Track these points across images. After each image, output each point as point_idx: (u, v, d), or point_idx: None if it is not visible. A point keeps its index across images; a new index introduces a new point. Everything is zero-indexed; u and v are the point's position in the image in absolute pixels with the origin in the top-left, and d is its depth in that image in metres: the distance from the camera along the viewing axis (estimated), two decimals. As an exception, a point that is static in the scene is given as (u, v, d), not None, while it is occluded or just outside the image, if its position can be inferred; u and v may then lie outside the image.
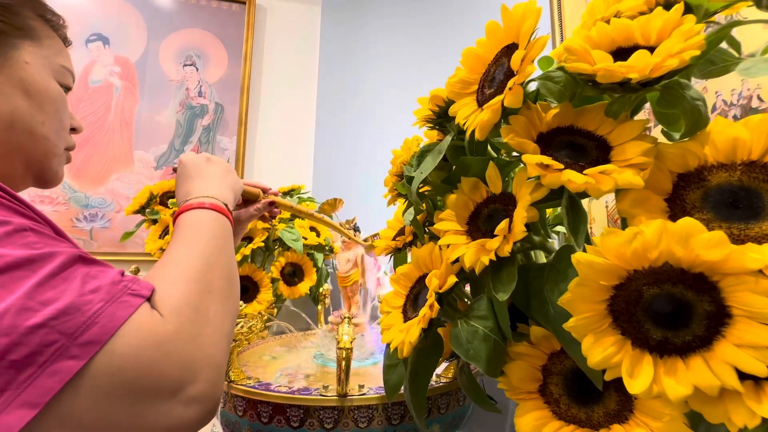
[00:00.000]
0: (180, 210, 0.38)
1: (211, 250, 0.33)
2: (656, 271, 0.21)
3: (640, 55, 0.22)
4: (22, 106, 0.35)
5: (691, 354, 0.20)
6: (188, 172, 0.42)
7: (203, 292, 0.29)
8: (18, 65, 0.35)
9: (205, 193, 0.39)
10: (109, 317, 0.23)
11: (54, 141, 0.38)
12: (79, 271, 0.25)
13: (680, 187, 0.23)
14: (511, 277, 0.27)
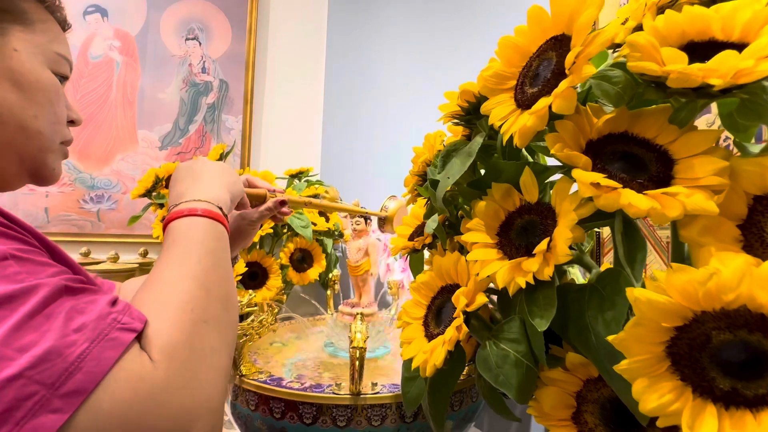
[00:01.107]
0: (170, 216, 0.34)
1: (205, 267, 0.30)
2: (730, 314, 0.18)
3: (726, 57, 0.19)
4: (11, 98, 0.32)
5: (764, 408, 0.18)
6: (180, 175, 0.39)
7: (198, 323, 0.26)
8: (5, 54, 0.32)
9: (197, 196, 0.35)
10: (95, 361, 0.21)
11: (48, 135, 0.35)
12: (64, 305, 0.22)
13: (757, 212, 0.20)
14: (549, 301, 0.25)
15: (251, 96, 1.22)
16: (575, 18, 0.23)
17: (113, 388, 0.21)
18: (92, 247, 1.04)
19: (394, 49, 1.16)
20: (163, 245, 0.32)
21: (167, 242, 0.32)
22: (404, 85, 1.13)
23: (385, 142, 1.17)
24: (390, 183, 1.14)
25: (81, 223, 1.11)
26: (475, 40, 0.98)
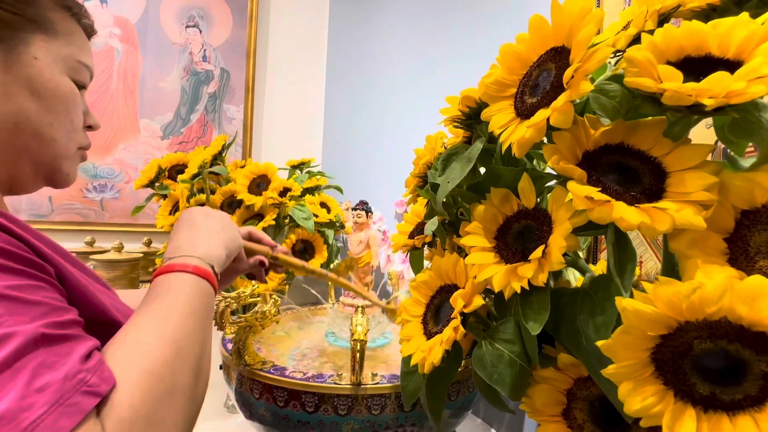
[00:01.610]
0: (161, 269, 0.34)
1: (185, 331, 0.29)
2: (711, 325, 0.19)
3: (719, 78, 0.19)
4: (29, 107, 0.32)
5: (740, 412, 0.19)
6: (181, 225, 0.39)
7: (165, 394, 0.25)
8: (26, 62, 0.32)
9: (192, 251, 0.36)
10: (48, 429, 0.20)
11: (63, 143, 0.35)
12: (35, 359, 0.22)
13: (744, 226, 0.21)
14: (542, 305, 0.26)
15: (252, 85, 1.22)
16: (575, 32, 0.23)
17: None
18: (96, 236, 1.05)
19: (396, 37, 1.15)
20: (148, 295, 0.32)
21: (153, 294, 0.31)
22: (406, 74, 1.13)
23: (387, 132, 1.17)
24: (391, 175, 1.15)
25: (85, 212, 1.12)
26: (479, 29, 0.96)
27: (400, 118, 1.14)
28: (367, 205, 0.84)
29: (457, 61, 1.02)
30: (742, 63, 0.21)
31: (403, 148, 1.15)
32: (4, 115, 0.32)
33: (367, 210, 0.83)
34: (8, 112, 0.32)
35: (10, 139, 0.32)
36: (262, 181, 0.89)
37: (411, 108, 1.12)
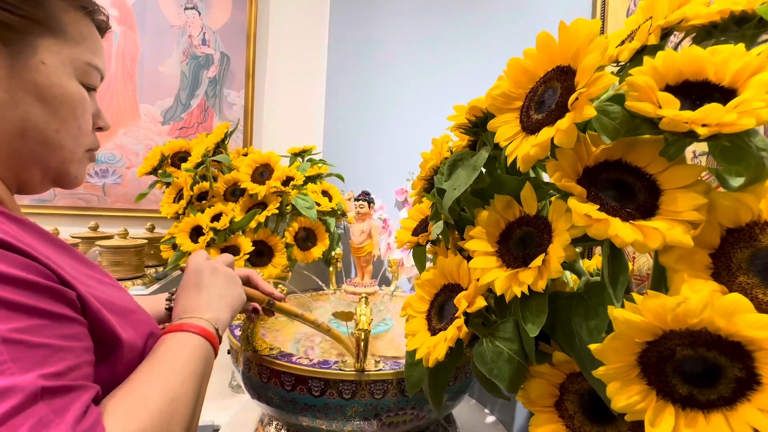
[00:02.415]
0: (171, 328, 0.36)
1: (184, 391, 0.31)
2: (692, 334, 0.21)
3: (712, 109, 0.21)
4: (35, 112, 0.32)
5: (713, 410, 0.22)
6: (188, 284, 0.41)
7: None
8: (33, 67, 0.31)
9: (201, 313, 0.38)
10: None
11: (71, 148, 0.35)
12: (33, 417, 0.22)
13: (728, 243, 0.23)
14: (541, 309, 0.28)
15: (253, 70, 1.21)
16: (581, 56, 0.24)
17: None
18: (99, 221, 1.06)
19: (399, 22, 1.14)
20: (156, 350, 0.34)
21: (160, 350, 0.34)
22: (409, 59, 1.12)
23: (389, 119, 1.17)
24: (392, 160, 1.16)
25: (87, 197, 1.12)
26: (484, 17, 0.96)
27: (401, 105, 1.14)
28: (369, 195, 0.86)
29: (462, 47, 1.01)
30: (736, 91, 0.22)
31: (405, 135, 1.15)
32: (10, 121, 0.31)
33: (369, 201, 0.85)
34: (15, 119, 0.31)
35: (18, 145, 0.32)
36: (265, 170, 0.90)
37: (413, 94, 1.12)
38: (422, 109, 1.10)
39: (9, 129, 0.31)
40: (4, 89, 0.31)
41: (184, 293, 0.41)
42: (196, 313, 0.38)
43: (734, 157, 0.22)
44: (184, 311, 0.39)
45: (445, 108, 1.16)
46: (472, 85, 0.99)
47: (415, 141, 1.13)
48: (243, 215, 0.88)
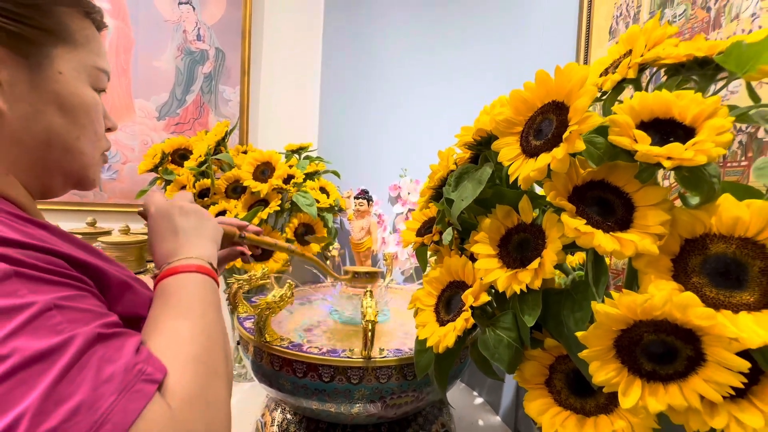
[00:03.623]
0: (164, 273, 0.35)
1: (209, 322, 0.32)
2: (657, 323, 0.27)
3: (675, 147, 0.26)
4: (57, 122, 0.33)
5: (671, 382, 0.28)
6: (161, 230, 0.40)
7: (210, 375, 0.29)
8: (51, 78, 0.32)
9: (189, 253, 0.37)
10: (121, 413, 0.22)
11: (90, 153, 0.36)
12: (96, 354, 0.24)
13: (686, 251, 0.29)
14: (536, 303, 0.34)
15: (248, 67, 1.22)
16: (573, 96, 0.29)
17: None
18: (95, 217, 1.07)
19: (393, 18, 1.16)
20: (157, 298, 0.34)
21: (166, 295, 0.33)
22: (403, 56, 1.15)
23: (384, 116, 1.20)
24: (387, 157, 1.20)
25: (83, 192, 1.13)
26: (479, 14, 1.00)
27: (395, 102, 1.18)
28: (368, 194, 0.90)
29: (456, 45, 1.05)
30: (695, 130, 0.28)
31: (398, 132, 1.19)
32: (36, 133, 0.32)
33: (368, 199, 0.89)
34: (39, 130, 0.32)
35: (43, 154, 0.33)
36: (266, 168, 0.93)
37: (407, 91, 1.16)
38: (416, 106, 1.14)
39: (33, 140, 0.32)
40: (27, 102, 0.31)
41: (160, 239, 0.39)
42: (182, 255, 0.37)
43: (692, 184, 0.27)
44: (169, 256, 0.37)
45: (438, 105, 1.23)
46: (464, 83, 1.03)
47: (408, 138, 1.17)
48: (245, 212, 0.91)
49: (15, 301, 0.22)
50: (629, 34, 0.39)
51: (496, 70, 0.94)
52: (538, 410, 0.36)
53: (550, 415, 0.35)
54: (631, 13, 0.62)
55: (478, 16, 0.99)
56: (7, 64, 0.30)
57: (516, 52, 0.88)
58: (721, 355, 0.25)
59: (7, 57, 0.30)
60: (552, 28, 0.77)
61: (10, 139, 0.31)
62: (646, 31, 0.37)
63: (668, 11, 0.55)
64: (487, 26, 0.97)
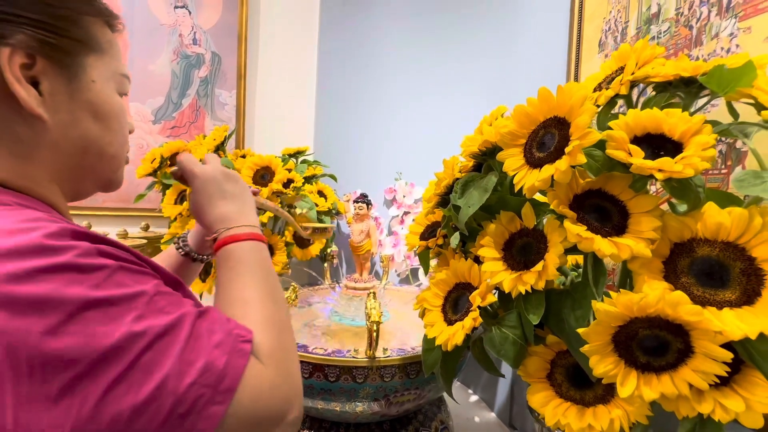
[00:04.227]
0: (224, 240, 0.39)
1: (271, 285, 0.37)
2: (650, 319, 0.30)
3: (665, 161, 0.29)
4: (92, 129, 0.34)
5: (663, 373, 0.31)
6: (208, 193, 0.43)
7: (283, 331, 0.34)
8: (86, 87, 0.34)
9: (242, 221, 0.41)
10: (234, 368, 0.28)
11: (119, 157, 0.38)
12: (202, 326, 0.29)
13: (675, 254, 0.32)
14: (539, 302, 0.36)
15: (245, 71, 1.23)
16: (574, 113, 0.32)
17: (246, 385, 0.28)
18: (91, 221, 1.07)
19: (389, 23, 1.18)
20: (222, 264, 0.38)
21: (231, 262, 0.37)
22: (399, 59, 1.17)
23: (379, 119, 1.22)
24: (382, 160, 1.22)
25: (77, 196, 1.12)
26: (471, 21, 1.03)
27: (391, 106, 1.20)
28: (367, 197, 0.92)
29: (450, 49, 1.07)
30: (683, 145, 0.31)
31: (394, 136, 1.21)
32: (73, 140, 0.34)
33: (367, 202, 0.91)
34: (77, 137, 0.34)
35: (79, 160, 0.34)
36: (266, 172, 0.94)
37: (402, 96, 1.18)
38: (410, 109, 1.17)
39: (71, 147, 0.34)
40: (66, 111, 0.33)
41: (210, 202, 0.42)
42: (235, 222, 0.40)
43: (680, 193, 0.30)
44: (223, 221, 0.41)
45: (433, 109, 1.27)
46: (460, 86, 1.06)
47: (403, 142, 1.19)
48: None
49: (127, 290, 0.26)
50: (620, 52, 0.42)
51: (489, 78, 0.98)
52: (541, 402, 0.38)
53: (552, 406, 0.38)
54: (619, 27, 0.65)
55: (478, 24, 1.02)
56: (49, 76, 0.31)
57: (509, 63, 0.91)
58: (708, 347, 0.28)
59: (48, 68, 0.31)
60: (544, 41, 0.81)
61: (51, 148, 0.32)
62: (636, 50, 0.40)
63: (654, 27, 0.59)
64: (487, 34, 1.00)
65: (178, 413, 0.25)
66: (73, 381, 0.22)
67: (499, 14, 0.94)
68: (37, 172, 0.32)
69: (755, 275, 0.29)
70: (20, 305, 0.22)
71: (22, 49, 0.29)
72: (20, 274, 0.23)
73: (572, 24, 0.73)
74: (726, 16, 0.49)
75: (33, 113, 0.30)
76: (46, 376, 0.22)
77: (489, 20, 0.97)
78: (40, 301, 0.23)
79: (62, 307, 0.23)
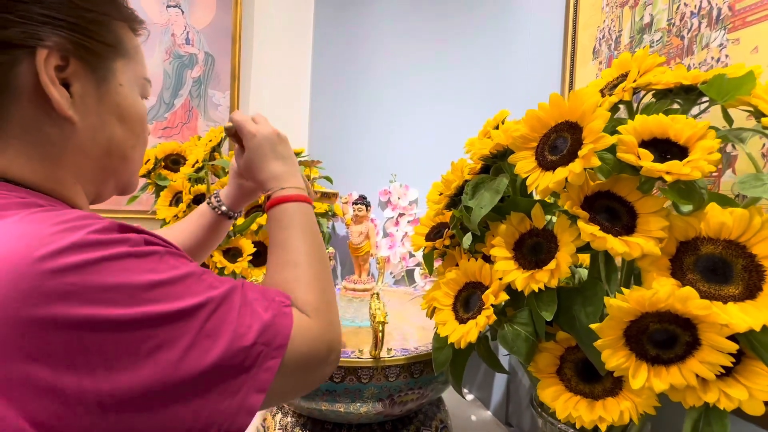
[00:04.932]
0: (278, 199, 0.43)
1: (318, 245, 0.42)
2: (660, 314, 0.32)
3: (674, 164, 0.31)
4: (118, 132, 0.35)
5: (672, 365, 0.32)
6: (264, 152, 0.46)
7: (326, 288, 0.39)
8: (114, 90, 0.34)
9: (295, 183, 0.45)
10: (283, 327, 0.32)
11: (139, 160, 0.39)
12: (247, 297, 0.32)
13: (681, 252, 0.34)
14: (551, 299, 0.38)
15: (239, 72, 1.22)
16: (586, 117, 0.34)
17: (297, 339, 0.33)
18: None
19: (384, 23, 1.19)
20: (275, 223, 0.42)
21: (284, 222, 0.42)
22: (394, 60, 1.18)
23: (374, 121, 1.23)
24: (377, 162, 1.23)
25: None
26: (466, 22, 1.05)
27: (385, 108, 1.21)
28: (366, 199, 0.93)
29: (446, 49, 1.09)
30: (688, 149, 0.33)
31: (388, 138, 1.23)
32: (100, 143, 0.34)
33: (366, 204, 0.92)
34: (103, 140, 0.34)
35: (103, 162, 0.35)
36: (263, 174, 0.93)
37: (397, 97, 1.19)
38: (406, 112, 1.18)
39: (97, 149, 0.34)
40: (95, 114, 0.33)
41: (264, 161, 0.46)
42: (287, 182, 0.45)
43: (686, 194, 0.32)
44: (276, 180, 0.45)
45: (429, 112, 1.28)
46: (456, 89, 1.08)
47: (398, 144, 1.21)
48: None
49: (180, 271, 0.29)
50: (621, 60, 0.44)
51: (484, 83, 1.00)
52: (552, 396, 0.40)
53: (563, 400, 0.39)
54: (613, 36, 0.68)
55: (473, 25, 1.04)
56: (80, 78, 0.32)
57: (503, 68, 0.93)
58: (714, 339, 0.30)
59: (80, 71, 0.31)
60: (539, 48, 0.83)
61: (78, 150, 0.33)
62: (637, 59, 0.42)
63: (647, 36, 0.62)
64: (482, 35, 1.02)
65: (243, 366, 0.29)
66: (151, 352, 0.25)
67: (494, 20, 0.96)
68: (64, 175, 0.32)
69: (756, 271, 0.31)
70: (91, 293, 0.24)
71: (58, 51, 0.30)
72: (81, 264, 0.24)
73: (567, 32, 0.76)
74: (716, 28, 0.52)
75: (64, 115, 0.31)
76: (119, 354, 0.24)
77: (485, 26, 0.99)
78: (108, 288, 0.24)
79: (129, 292, 0.25)
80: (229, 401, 0.28)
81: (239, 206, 0.58)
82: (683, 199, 0.32)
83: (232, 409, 0.28)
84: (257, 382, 0.29)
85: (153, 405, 0.25)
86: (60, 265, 0.23)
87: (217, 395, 0.27)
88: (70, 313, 0.23)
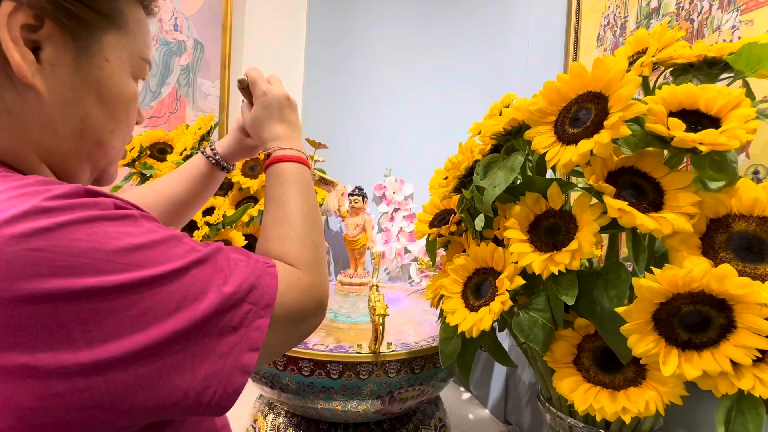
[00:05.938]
0: (279, 157, 0.43)
1: (311, 205, 0.42)
2: (693, 295, 0.29)
3: (709, 133, 0.29)
4: (95, 112, 0.31)
5: (704, 350, 0.30)
6: (270, 112, 0.47)
7: (318, 246, 0.40)
8: (97, 64, 0.30)
9: (294, 145, 0.45)
10: (270, 287, 0.32)
11: (119, 148, 0.35)
12: (232, 257, 0.31)
13: (711, 230, 0.32)
14: (572, 283, 0.35)
15: (229, 60, 1.18)
16: (612, 86, 0.31)
17: (286, 294, 0.33)
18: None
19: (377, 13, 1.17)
20: (273, 181, 0.42)
21: (281, 179, 0.42)
22: (387, 52, 1.16)
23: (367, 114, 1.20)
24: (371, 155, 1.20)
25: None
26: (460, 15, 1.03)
27: (379, 100, 1.18)
28: (362, 190, 0.89)
29: (440, 38, 1.07)
30: (720, 120, 0.31)
31: (382, 131, 1.20)
32: (71, 121, 0.30)
33: (363, 195, 0.89)
34: (75, 119, 0.30)
35: (75, 145, 0.31)
36: (255, 164, 0.90)
37: (391, 89, 1.17)
38: (402, 105, 1.16)
39: (67, 128, 0.30)
40: (68, 87, 0.29)
41: (269, 121, 0.46)
42: (288, 144, 0.45)
43: (719, 168, 0.30)
44: (278, 140, 0.45)
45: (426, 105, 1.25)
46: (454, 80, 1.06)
47: (393, 138, 1.18)
48: (233, 209, 0.87)
49: (161, 234, 0.27)
50: (636, 37, 0.43)
51: (483, 73, 0.98)
52: (570, 388, 0.37)
53: (582, 391, 0.37)
54: (618, 22, 0.67)
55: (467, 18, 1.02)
56: (55, 43, 0.27)
57: (503, 57, 0.92)
58: (752, 320, 0.28)
59: (57, 35, 0.27)
60: (540, 36, 0.82)
61: (43, 125, 0.29)
62: (656, 33, 0.40)
63: (654, 21, 0.60)
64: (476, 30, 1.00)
65: (231, 326, 0.28)
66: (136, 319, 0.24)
67: (494, 7, 0.95)
68: (26, 151, 0.28)
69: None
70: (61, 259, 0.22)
71: (30, 8, 0.26)
72: (46, 228, 0.21)
73: (569, 19, 0.74)
74: (728, 9, 0.51)
75: (25, 81, 0.27)
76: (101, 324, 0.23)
77: (484, 13, 0.98)
78: (80, 253, 0.22)
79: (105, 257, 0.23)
80: (222, 362, 0.27)
81: (234, 159, 0.57)
82: (716, 171, 0.30)
83: (226, 370, 0.27)
84: (249, 341, 0.29)
85: (144, 372, 0.24)
86: (22, 231, 0.21)
87: (209, 357, 0.27)
88: (42, 286, 0.20)
